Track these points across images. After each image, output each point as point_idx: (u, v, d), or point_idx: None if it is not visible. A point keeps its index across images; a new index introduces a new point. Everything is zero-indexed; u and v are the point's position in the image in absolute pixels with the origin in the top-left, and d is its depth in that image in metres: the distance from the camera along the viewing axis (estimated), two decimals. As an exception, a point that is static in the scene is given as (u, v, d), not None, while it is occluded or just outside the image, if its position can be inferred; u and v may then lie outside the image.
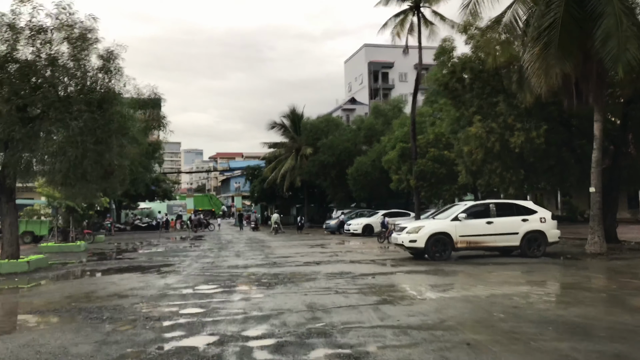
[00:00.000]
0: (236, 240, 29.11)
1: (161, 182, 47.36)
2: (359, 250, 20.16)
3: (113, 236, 36.90)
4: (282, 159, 47.11)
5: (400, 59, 78.45)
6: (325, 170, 42.08)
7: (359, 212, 35.62)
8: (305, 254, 18.60)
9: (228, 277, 12.32)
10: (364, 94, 78.21)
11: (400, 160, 28.31)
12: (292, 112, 47.14)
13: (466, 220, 15.57)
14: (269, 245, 24.01)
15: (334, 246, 22.66)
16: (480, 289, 9.99)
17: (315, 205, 51.98)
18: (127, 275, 13.53)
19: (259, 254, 18.73)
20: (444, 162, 26.50)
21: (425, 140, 27.19)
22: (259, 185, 50.83)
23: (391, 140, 29.97)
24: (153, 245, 26.76)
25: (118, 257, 19.50)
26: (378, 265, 14.69)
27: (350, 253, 18.64)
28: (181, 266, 15.24)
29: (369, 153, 38.41)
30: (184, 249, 22.58)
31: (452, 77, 19.94)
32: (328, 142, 41.65)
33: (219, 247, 23.12)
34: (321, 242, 25.84)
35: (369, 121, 41.93)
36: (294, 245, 23.64)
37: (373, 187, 37.69)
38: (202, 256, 18.63)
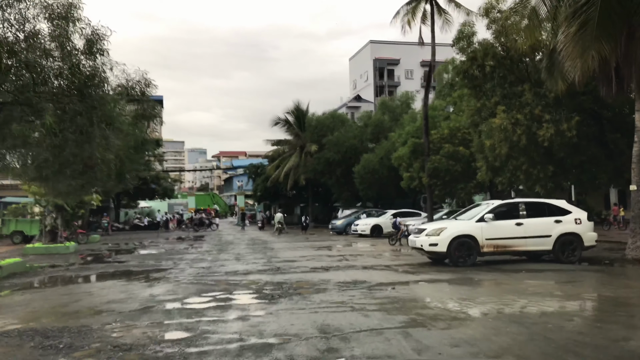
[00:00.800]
0: (237, 241, 27.47)
1: (162, 181, 45.73)
2: (369, 253, 18.47)
3: (110, 236, 35.30)
4: (286, 156, 45.44)
5: (406, 56, 77.10)
6: (330, 168, 40.42)
7: (366, 212, 33.91)
8: (311, 257, 16.92)
9: (224, 287, 10.65)
10: (369, 92, 76.51)
11: (412, 157, 26.61)
12: (296, 108, 45.44)
13: (493, 222, 13.88)
14: (272, 247, 22.36)
15: (342, 248, 20.99)
16: (523, 304, 8.30)
17: (320, 204, 50.30)
18: (110, 283, 11.88)
19: (261, 258, 17.07)
20: (459, 159, 24.83)
21: (438, 136, 25.48)
22: (262, 183, 49.18)
23: (401, 135, 28.27)
24: (149, 246, 25.13)
25: (107, 260, 17.87)
26: (394, 272, 13.00)
27: (360, 257, 16.96)
28: (173, 272, 13.58)
29: (376, 150, 36.73)
30: (180, 251, 20.94)
31: (473, 64, 18.24)
32: (334, 138, 39.98)
33: (218, 249, 21.48)
34: (328, 243, 24.17)
35: (376, 117, 40.24)
36: (298, 247, 21.98)
37: (381, 185, 36.03)
38: (199, 259, 16.98)
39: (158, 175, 44.19)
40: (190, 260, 16.78)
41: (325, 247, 21.47)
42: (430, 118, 26.28)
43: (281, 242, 25.91)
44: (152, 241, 28.67)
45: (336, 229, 32.79)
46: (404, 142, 27.48)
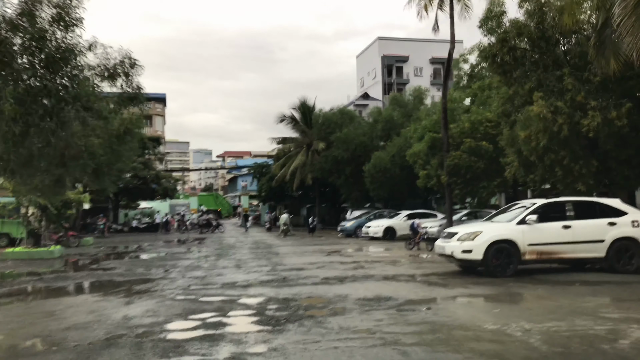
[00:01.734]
0: (239, 244, 25.45)
1: (162, 180, 43.80)
2: (386, 259, 16.40)
3: (106, 239, 33.39)
4: (292, 154, 43.43)
5: (415, 53, 74.99)
6: (339, 167, 38.37)
7: (378, 213, 31.85)
8: (322, 264, 14.87)
9: (218, 306, 8.62)
10: (377, 89, 74.44)
11: (430, 153, 24.49)
12: (302, 105, 43.41)
13: (537, 224, 11.80)
14: (277, 251, 20.32)
15: (355, 253, 18.93)
16: (602, 331, 6.24)
17: (327, 205, 48.24)
18: (82, 298, 9.89)
19: (265, 265, 15.04)
20: (481, 155, 22.70)
21: (459, 130, 23.36)
22: (266, 183, 47.18)
23: (417, 130, 26.17)
24: (143, 250, 23.16)
25: (92, 268, 15.89)
26: (422, 284, 10.93)
27: (377, 264, 14.88)
28: (161, 283, 11.57)
29: (387, 147, 34.63)
30: (175, 256, 18.94)
31: (503, 47, 16.11)
32: (342, 135, 37.91)
33: (217, 254, 19.47)
34: (338, 247, 22.12)
35: (387, 113, 38.14)
36: (306, 251, 19.94)
37: (392, 185, 33.93)
38: (194, 267, 14.95)
39: (158, 175, 42.27)
40: (184, 267, 14.76)
41: (336, 252, 19.42)
42: (449, 111, 24.16)
43: (287, 245, 23.89)
44: (148, 244, 26.71)
45: (345, 231, 30.74)
46: (420, 138, 25.38)
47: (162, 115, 69.37)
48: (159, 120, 68.55)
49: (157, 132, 66.88)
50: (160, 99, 69.19)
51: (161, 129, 68.72)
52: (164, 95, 70.22)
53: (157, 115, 67.71)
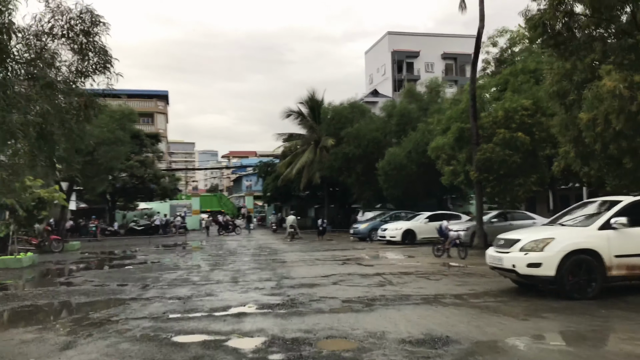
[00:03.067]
0: (241, 249, 22.63)
1: (161, 180, 41.02)
2: (416, 270, 13.51)
3: (99, 242, 30.73)
4: (299, 152, 40.60)
5: (426, 48, 71.99)
6: (349, 165, 35.54)
7: (394, 214, 28.95)
8: (338, 277, 12.01)
9: (194, 354, 5.77)
10: (386, 86, 71.58)
11: (456, 146, 21.55)
12: (310, 99, 40.55)
13: (627, 229, 8.90)
14: (284, 258, 17.48)
15: (375, 262, 16.05)
16: None
17: (336, 205, 45.39)
18: (10, 334, 7.06)
19: (268, 278, 12.20)
20: (517, 148, 19.79)
21: (490, 120, 20.43)
22: (272, 183, 44.35)
23: (441, 121, 23.23)
24: (131, 257, 20.41)
25: (58, 281, 13.14)
26: (480, 311, 8.04)
27: (408, 278, 11.99)
28: (129, 308, 8.73)
29: (403, 143, 31.78)
30: (163, 266, 16.15)
31: (557, 12, 13.20)
32: (353, 131, 35.08)
33: (213, 263, 16.66)
34: (352, 253, 19.26)
35: (402, 107, 35.20)
36: (317, 259, 17.08)
37: (408, 183, 31.06)
38: (181, 281, 12.12)
39: (157, 174, 39.54)
40: (168, 282, 11.92)
41: (353, 260, 16.55)
42: (478, 98, 21.24)
43: (294, 250, 21.06)
44: (140, 249, 23.95)
45: (359, 234, 27.87)
46: (445, 129, 22.46)
47: (164, 113, 66.77)
48: (160, 118, 65.98)
49: (159, 130, 64.36)
50: (162, 96, 66.66)
51: (163, 127, 66.13)
52: (166, 93, 67.68)
53: (158, 112, 65.20)
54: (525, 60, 22.78)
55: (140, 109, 64.04)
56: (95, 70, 9.27)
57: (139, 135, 40.08)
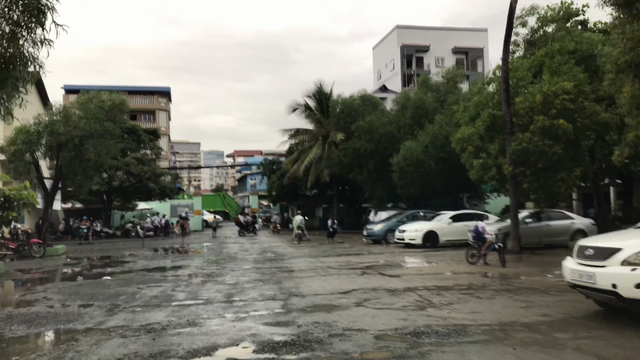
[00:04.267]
0: (242, 254, 20.12)
1: (160, 178, 38.53)
2: (455, 283, 10.91)
3: (91, 245, 28.30)
4: (306, 148, 38.05)
5: (436, 42, 69.28)
6: (360, 161, 32.98)
7: (411, 214, 26.35)
8: (362, 295, 9.44)
9: None
10: (395, 82, 69.00)
11: (487, 137, 18.90)
12: (318, 91, 37.95)
13: None
14: (291, 266, 14.94)
15: (401, 271, 13.45)
16: None
17: (345, 205, 42.80)
18: None
19: (272, 296, 9.65)
20: (558, 137, 17.18)
21: (526, 105, 17.80)
22: (277, 181, 41.80)
23: (468, 109, 20.55)
24: (115, 263, 17.93)
25: (9, 298, 10.64)
26: (576, 353, 5.47)
27: (450, 294, 9.41)
28: (74, 349, 6.20)
29: (419, 136, 29.18)
30: (145, 278, 13.62)
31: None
32: (365, 124, 32.49)
33: (207, 273, 14.12)
34: (370, 259, 16.69)
35: (417, 97, 32.55)
36: (330, 267, 14.52)
37: (425, 180, 28.48)
38: (160, 300, 9.60)
39: (155, 172, 37.08)
40: (145, 302, 9.38)
41: (372, 268, 13.97)
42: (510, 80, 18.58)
43: (303, 255, 18.51)
44: (130, 254, 21.48)
45: (373, 236, 25.27)
46: (473, 117, 19.81)
47: (166, 110, 64.40)
48: (162, 115, 63.64)
49: (161, 127, 62.01)
50: (164, 92, 64.29)
51: (165, 125, 63.77)
52: (168, 89, 65.28)
53: (160, 109, 62.90)
54: (563, 39, 20.13)
55: (141, 106, 61.84)
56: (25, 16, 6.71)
57: (135, 130, 37.70)
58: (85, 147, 22.50)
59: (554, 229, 20.31)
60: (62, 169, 22.85)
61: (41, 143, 22.05)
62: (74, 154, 22.27)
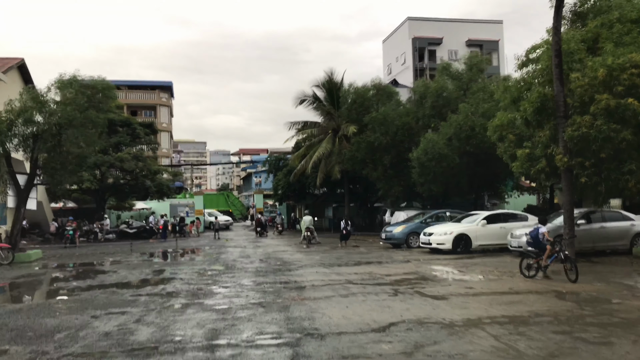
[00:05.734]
0: (243, 262, 17.09)
1: (157, 176, 35.58)
2: (528, 310, 7.81)
3: (76, 249, 25.40)
4: (315, 142, 34.98)
5: (449, 34, 65.91)
6: (374, 156, 29.90)
7: (436, 214, 23.26)
8: (409, 337, 6.40)
9: None
10: (406, 76, 65.82)
11: (535, 121, 15.70)
12: (328, 81, 34.78)
13: None
14: (300, 280, 11.89)
15: (443, 288, 10.34)
16: None
17: (356, 204, 39.70)
18: None
19: (275, 335, 6.62)
20: (625, 121, 14.05)
21: (585, 82, 14.62)
22: (283, 179, 38.71)
23: (509, 90, 17.31)
24: (87, 275, 14.95)
25: None
26: None
27: (534, 332, 6.33)
28: None
29: (442, 128, 26.08)
30: (112, 297, 10.62)
31: None
32: (379, 116, 29.42)
33: (194, 290, 11.09)
34: (398, 270, 13.60)
35: (438, 85, 29.40)
36: (351, 281, 11.45)
37: (450, 176, 25.39)
38: (111, 344, 6.57)
39: (150, 168, 34.12)
40: (83, 349, 6.35)
41: (406, 284, 10.88)
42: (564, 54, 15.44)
43: (314, 264, 15.45)
44: (114, 260, 18.53)
45: (393, 240, 22.17)
46: (516, 99, 16.61)
47: (168, 105, 61.58)
48: (164, 110, 60.83)
49: (162, 124, 59.25)
50: (166, 87, 61.48)
51: (167, 121, 60.95)
52: (170, 84, 62.45)
53: (162, 105, 60.09)
54: (622, 6, 16.96)
55: (141, 101, 59.04)
56: None
57: (130, 123, 34.81)
58: (63, 138, 19.57)
59: (610, 232, 17.14)
60: (37, 162, 19.95)
61: (13, 133, 19.16)
62: (50, 144, 19.36)
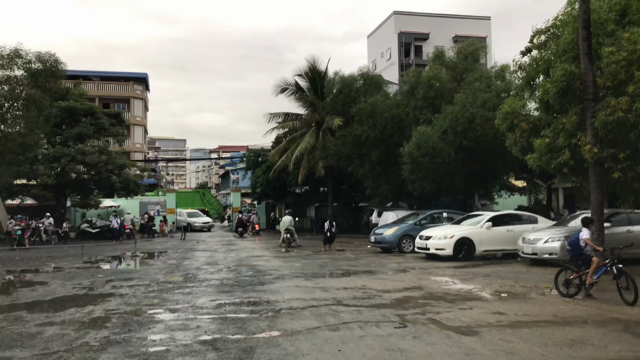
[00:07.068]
0: (207, 270, 14.29)
1: (124, 171, 32.42)
2: (602, 355, 5.25)
3: (24, 251, 22.26)
4: (297, 136, 32.28)
5: (436, 30, 63.72)
6: (361, 151, 27.36)
7: (431, 215, 20.73)
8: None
9: None
10: (392, 72, 63.33)
11: (558, 105, 13.18)
12: (311, 70, 32.05)
13: None
14: (275, 299, 9.19)
15: (464, 315, 7.74)
16: None
17: (340, 204, 37.09)
18: None
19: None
20: (669, 104, 11.60)
21: (621, 57, 12.18)
22: (262, 175, 35.90)
23: (525, 69, 14.70)
24: (13, 286, 12.05)
25: None
26: None
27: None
28: None
29: (436, 120, 23.58)
30: (9, 331, 7.80)
31: None
32: (367, 107, 26.86)
33: (135, 307, 8.31)
34: (397, 284, 10.98)
35: (431, 75, 26.90)
36: (341, 302, 8.79)
37: (445, 174, 22.95)
38: None
39: (115, 162, 30.99)
40: None
41: (413, 305, 8.25)
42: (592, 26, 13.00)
43: (293, 274, 12.76)
44: (56, 267, 15.60)
45: (383, 243, 19.58)
46: (529, 81, 14.08)
47: (143, 98, 58.16)
48: (138, 103, 57.40)
49: (137, 117, 55.97)
50: (140, 78, 58.03)
51: (141, 114, 57.56)
52: (145, 75, 59.00)
53: (136, 97, 56.67)
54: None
55: (114, 94, 55.60)
56: None
57: (93, 112, 31.64)
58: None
59: (638, 237, 14.75)
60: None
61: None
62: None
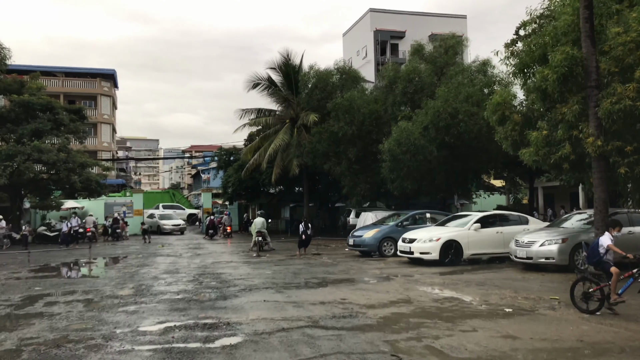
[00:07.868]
0: (164, 281, 12.58)
1: (85, 170, 30.26)
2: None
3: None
4: (270, 133, 30.63)
5: (413, 28, 62.74)
6: (338, 148, 25.94)
7: (413, 216, 19.34)
8: None
9: None
10: (368, 70, 62.07)
11: (558, 94, 11.87)
12: (285, 64, 30.49)
13: None
14: (235, 318, 7.64)
15: (469, 342, 6.29)
16: None
17: (316, 204, 35.59)
18: None
19: None
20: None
21: (630, 38, 10.94)
22: (234, 175, 34.11)
23: (519, 54, 13.30)
24: None
25: None
26: None
27: None
28: None
29: (417, 116, 22.29)
30: None
31: None
32: (344, 102, 25.41)
33: (61, 334, 6.62)
34: (383, 295, 9.50)
35: (410, 69, 25.60)
36: (318, 324, 7.29)
37: (426, 172, 21.68)
38: None
39: (75, 160, 28.80)
40: None
41: (405, 327, 6.78)
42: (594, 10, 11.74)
43: (263, 284, 11.17)
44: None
45: (363, 246, 18.09)
46: (528, 65, 12.76)
47: (110, 95, 55.62)
48: (105, 101, 54.86)
49: (104, 115, 53.48)
50: (108, 75, 55.47)
51: (109, 112, 55.02)
52: (113, 72, 56.44)
53: (103, 95, 54.14)
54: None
55: (80, 90, 52.96)
56: None
57: (52, 107, 29.42)
58: None
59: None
60: None
61: None
62: None
